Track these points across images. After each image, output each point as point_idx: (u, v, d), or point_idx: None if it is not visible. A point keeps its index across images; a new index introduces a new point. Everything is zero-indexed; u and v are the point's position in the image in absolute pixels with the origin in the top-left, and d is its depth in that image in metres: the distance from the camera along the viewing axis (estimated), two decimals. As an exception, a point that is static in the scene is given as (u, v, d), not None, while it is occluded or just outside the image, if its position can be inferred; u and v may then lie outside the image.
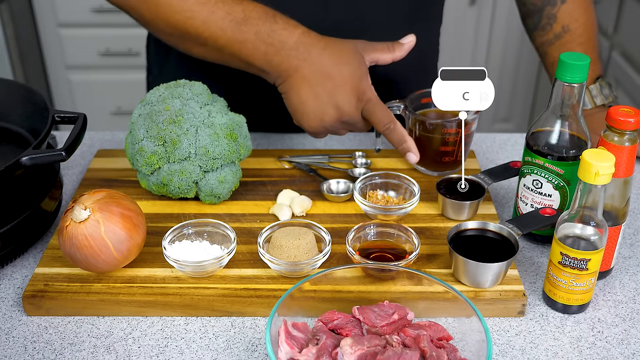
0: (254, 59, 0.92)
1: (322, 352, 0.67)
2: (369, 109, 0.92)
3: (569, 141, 0.84)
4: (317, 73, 0.91)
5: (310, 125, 0.94)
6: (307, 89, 0.91)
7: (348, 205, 0.96)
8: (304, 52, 0.90)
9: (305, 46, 0.91)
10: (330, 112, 0.92)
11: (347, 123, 0.94)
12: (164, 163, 0.90)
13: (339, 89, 0.91)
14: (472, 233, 0.85)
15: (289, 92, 0.93)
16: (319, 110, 0.92)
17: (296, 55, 0.90)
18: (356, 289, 0.78)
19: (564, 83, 0.81)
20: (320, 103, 0.91)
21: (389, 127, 0.92)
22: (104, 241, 0.78)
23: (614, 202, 0.79)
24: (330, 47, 0.92)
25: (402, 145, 0.94)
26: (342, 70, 0.91)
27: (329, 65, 0.91)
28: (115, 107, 2.62)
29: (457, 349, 0.70)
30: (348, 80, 0.91)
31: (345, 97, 0.91)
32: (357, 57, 0.93)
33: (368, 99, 0.92)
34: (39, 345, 0.77)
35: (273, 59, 0.91)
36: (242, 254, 0.86)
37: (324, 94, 0.91)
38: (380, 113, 0.92)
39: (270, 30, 0.90)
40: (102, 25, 2.46)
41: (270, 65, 0.92)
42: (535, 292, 0.84)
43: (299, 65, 0.91)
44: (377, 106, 0.92)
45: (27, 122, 0.97)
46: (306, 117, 0.93)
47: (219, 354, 0.76)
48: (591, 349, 0.76)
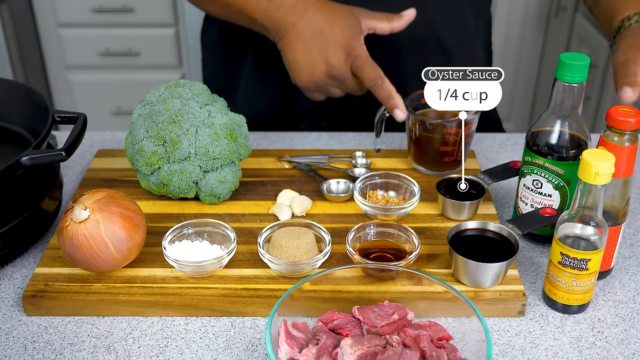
0: (256, 14, 0.98)
1: (322, 352, 0.67)
2: (358, 64, 0.95)
3: (569, 141, 0.84)
4: (311, 30, 0.95)
5: (302, 80, 0.98)
6: (301, 45, 0.96)
7: (348, 205, 0.96)
8: (301, 10, 0.96)
9: (303, 5, 0.96)
10: (320, 66, 0.96)
11: (336, 79, 0.97)
12: (164, 163, 0.90)
13: (329, 45, 0.95)
14: (472, 233, 0.85)
15: (285, 49, 0.98)
16: (310, 65, 0.96)
17: (294, 12, 0.96)
18: (356, 289, 0.78)
19: (564, 83, 0.81)
20: (312, 58, 0.96)
21: (376, 82, 0.94)
22: (104, 241, 0.78)
23: (614, 202, 0.79)
24: (326, 7, 0.97)
25: (390, 101, 0.95)
26: (334, 27, 0.95)
27: (322, 23, 0.95)
28: (115, 107, 2.63)
29: (457, 349, 0.70)
30: (339, 37, 0.95)
31: (336, 52, 0.95)
32: (352, 18, 0.96)
33: (357, 55, 0.95)
34: (39, 345, 0.77)
35: (273, 15, 0.96)
36: (242, 254, 0.86)
37: (316, 50, 0.95)
38: (368, 69, 0.94)
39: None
40: (102, 25, 2.46)
41: (270, 21, 0.97)
42: (535, 292, 0.84)
43: (296, 22, 0.96)
44: (366, 62, 0.95)
45: (27, 122, 0.97)
46: (299, 72, 0.98)
47: (219, 354, 0.76)
48: (591, 349, 0.76)
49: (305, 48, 0.96)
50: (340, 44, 0.95)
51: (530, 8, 2.54)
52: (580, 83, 0.81)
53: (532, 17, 2.56)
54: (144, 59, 2.53)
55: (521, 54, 2.61)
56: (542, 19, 2.56)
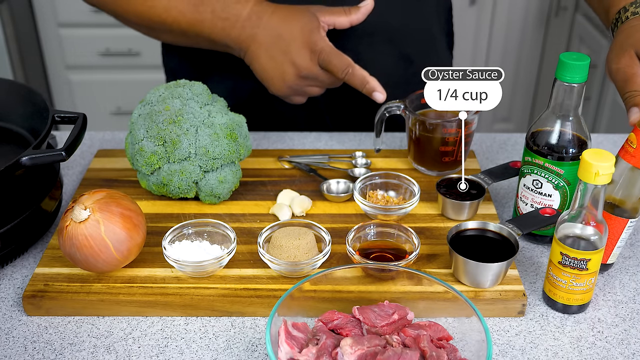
0: (214, 35, 0.97)
1: (322, 352, 0.67)
2: (324, 58, 0.94)
3: (569, 141, 0.84)
4: (269, 36, 0.95)
5: (277, 89, 0.97)
6: (264, 54, 0.96)
7: (348, 205, 0.96)
8: (256, 20, 0.95)
9: (257, 14, 0.95)
10: (288, 70, 0.95)
11: (308, 78, 0.96)
12: (164, 163, 0.90)
13: (290, 46, 0.94)
14: (472, 233, 0.85)
15: (252, 62, 0.97)
16: (278, 70, 0.95)
17: (250, 24, 0.95)
18: (356, 289, 0.78)
19: (564, 83, 0.81)
20: (277, 63, 0.95)
21: (347, 71, 0.93)
22: (104, 241, 0.78)
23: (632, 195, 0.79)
24: (280, 10, 0.96)
25: (366, 86, 0.94)
26: (292, 28, 0.94)
27: (279, 26, 0.94)
28: (115, 107, 2.63)
29: (457, 349, 0.70)
30: (298, 35, 0.94)
31: (299, 52, 0.94)
32: (307, 14, 0.95)
33: (321, 48, 0.94)
34: (39, 345, 0.77)
35: (231, 32, 0.96)
36: (242, 254, 0.86)
37: (279, 54, 0.95)
38: (336, 60, 0.93)
39: (224, 5, 0.95)
40: (102, 25, 2.46)
41: (230, 39, 0.96)
42: (535, 292, 0.84)
43: (254, 34, 0.95)
44: (332, 54, 0.94)
45: (27, 122, 0.97)
46: (270, 81, 0.97)
47: (219, 354, 0.76)
48: (591, 349, 0.76)
49: (268, 55, 0.96)
50: (301, 43, 0.94)
51: (530, 8, 2.54)
52: (580, 83, 0.81)
53: (532, 17, 2.56)
54: (144, 59, 2.53)
55: (521, 54, 2.62)
56: (542, 19, 2.56)
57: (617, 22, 0.92)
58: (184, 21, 0.97)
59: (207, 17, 0.96)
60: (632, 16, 0.90)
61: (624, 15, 0.91)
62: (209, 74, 1.13)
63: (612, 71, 0.84)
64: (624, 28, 0.89)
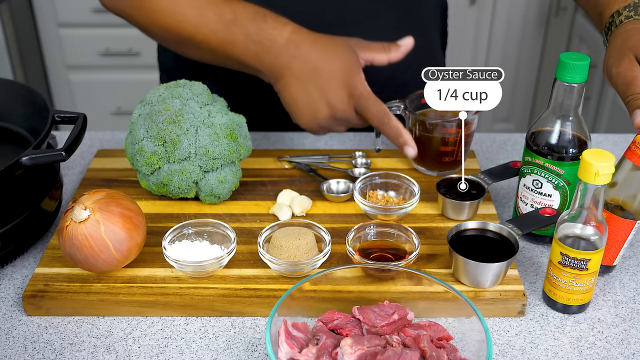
0: (246, 58, 0.92)
1: (322, 352, 0.67)
2: (362, 104, 0.90)
3: (569, 141, 0.84)
4: (306, 69, 0.90)
5: (305, 123, 0.93)
6: (298, 86, 0.90)
7: (348, 205, 0.96)
8: (294, 49, 0.90)
9: (294, 43, 0.90)
10: (322, 108, 0.90)
11: (340, 119, 0.92)
12: (164, 163, 0.90)
13: (329, 84, 0.89)
14: (472, 233, 0.85)
15: (282, 91, 0.92)
16: (311, 106, 0.91)
17: (286, 52, 0.90)
18: (356, 289, 0.78)
19: (564, 83, 0.81)
20: (312, 99, 0.90)
21: (383, 122, 0.90)
22: (104, 241, 0.78)
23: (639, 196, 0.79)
24: (320, 42, 0.91)
25: (399, 139, 0.91)
26: (332, 64, 0.89)
27: (318, 60, 0.89)
28: (115, 107, 2.63)
29: (457, 349, 0.70)
30: (338, 75, 0.89)
31: (336, 93, 0.89)
32: (348, 51, 0.91)
33: (360, 94, 0.90)
34: (39, 345, 0.77)
35: (264, 58, 0.91)
36: (242, 254, 0.86)
37: (314, 90, 0.90)
38: (373, 108, 0.90)
39: (259, 29, 0.90)
40: (102, 25, 2.46)
41: (262, 65, 0.91)
42: (535, 292, 0.84)
43: (290, 63, 0.90)
44: (370, 101, 0.90)
45: (27, 122, 0.97)
46: (300, 114, 0.92)
47: (219, 354, 0.76)
48: (591, 349, 0.76)
49: (303, 89, 0.90)
50: (340, 83, 0.89)
51: (530, 8, 2.54)
52: (580, 83, 0.81)
53: (532, 17, 2.56)
54: (144, 59, 2.53)
55: (521, 54, 2.62)
56: (542, 19, 2.56)
57: (611, 26, 0.91)
58: (215, 40, 0.92)
59: (239, 39, 0.91)
60: (626, 20, 0.89)
61: (618, 20, 0.90)
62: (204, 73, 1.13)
63: (613, 75, 0.84)
64: (618, 32, 0.88)
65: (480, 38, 2.58)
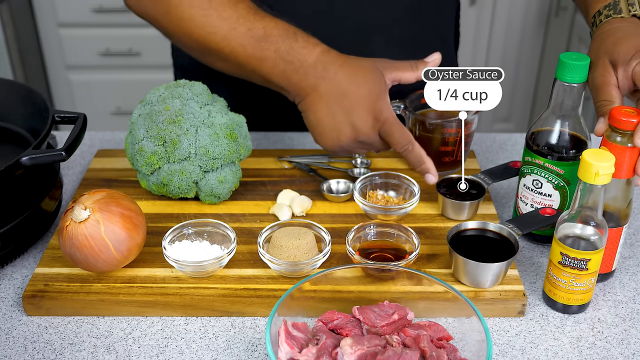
0: (274, 76, 0.91)
1: (322, 352, 0.67)
2: (386, 129, 0.90)
3: (569, 141, 0.84)
4: (334, 91, 0.89)
5: (327, 145, 0.92)
6: (323, 107, 0.90)
7: (348, 205, 0.96)
8: (322, 71, 0.89)
9: (323, 64, 0.90)
10: (346, 131, 0.90)
11: (364, 143, 0.92)
12: (164, 163, 0.90)
13: (355, 108, 0.89)
14: (472, 233, 0.85)
15: (307, 111, 0.92)
16: (335, 128, 0.90)
17: (314, 73, 0.89)
18: (356, 289, 0.78)
19: (564, 83, 0.81)
20: (336, 121, 0.90)
21: (407, 148, 0.90)
22: (104, 241, 0.78)
23: (616, 204, 0.79)
24: (348, 65, 0.90)
25: (421, 166, 0.92)
26: (359, 88, 0.89)
27: (346, 83, 0.89)
28: (115, 107, 2.62)
29: (457, 349, 0.70)
30: (364, 99, 0.89)
31: (362, 117, 0.89)
32: (376, 74, 0.91)
33: (385, 119, 0.90)
34: (39, 345, 0.77)
35: (292, 77, 0.90)
36: (242, 254, 0.86)
37: (340, 113, 0.90)
38: (398, 134, 0.90)
39: (290, 48, 0.90)
40: (102, 25, 2.46)
41: (289, 83, 0.91)
42: (535, 292, 0.84)
43: (317, 84, 0.90)
44: (395, 127, 0.90)
45: (27, 122, 0.97)
46: (323, 136, 0.92)
47: (219, 354, 0.76)
48: (591, 349, 0.76)
49: (329, 111, 0.90)
50: (366, 107, 0.89)
51: (530, 8, 2.53)
52: (580, 83, 0.81)
53: (532, 17, 2.56)
54: (144, 59, 2.53)
55: (521, 54, 2.61)
56: (542, 19, 2.55)
57: (593, 27, 0.91)
58: (244, 55, 0.91)
59: (269, 56, 0.90)
60: (606, 19, 0.89)
61: (598, 20, 0.90)
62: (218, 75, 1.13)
63: (588, 80, 0.84)
64: (598, 34, 0.88)
65: (480, 38, 2.58)
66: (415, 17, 1.10)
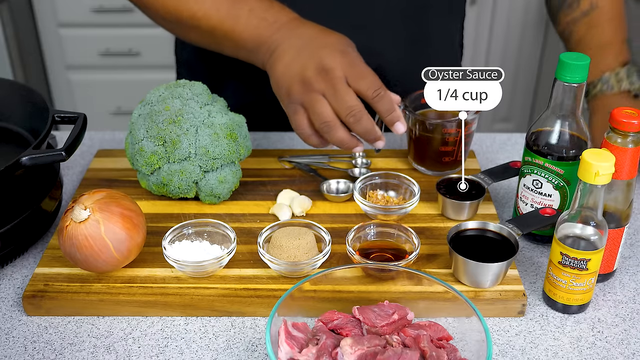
0: (246, 34, 0.92)
1: (322, 352, 0.67)
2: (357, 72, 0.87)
3: (569, 141, 0.84)
4: (303, 39, 0.90)
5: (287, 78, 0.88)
6: (293, 52, 0.89)
7: (348, 205, 0.96)
8: (294, 27, 0.91)
9: (297, 20, 0.92)
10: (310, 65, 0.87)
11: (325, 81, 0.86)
12: (164, 163, 0.90)
13: (323, 48, 0.88)
14: (472, 233, 0.85)
15: (275, 63, 0.90)
16: (300, 64, 0.87)
17: (287, 27, 0.91)
18: (356, 289, 0.78)
19: (564, 83, 0.81)
20: (302, 58, 0.88)
21: (379, 92, 0.87)
22: (104, 241, 0.78)
23: (617, 204, 0.79)
24: (320, 26, 0.92)
25: (392, 114, 0.89)
26: (328, 37, 0.90)
27: (316, 33, 0.90)
28: (115, 107, 2.63)
29: (457, 349, 0.70)
30: (334, 43, 0.89)
31: (330, 54, 0.87)
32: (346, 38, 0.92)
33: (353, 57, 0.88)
34: (39, 345, 0.77)
35: (264, 32, 0.92)
36: (242, 254, 0.86)
37: (307, 52, 0.88)
38: (371, 77, 0.87)
39: (266, 8, 0.93)
40: (102, 25, 2.46)
41: (260, 39, 0.92)
42: (535, 292, 0.84)
43: (288, 35, 0.91)
44: (366, 69, 0.88)
45: (27, 122, 0.97)
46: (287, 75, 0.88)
47: (219, 354, 0.76)
48: (591, 349, 0.76)
49: (297, 53, 0.88)
50: (334, 48, 0.88)
51: (530, 8, 2.53)
52: (580, 83, 0.81)
53: (532, 17, 2.56)
54: (144, 59, 2.53)
55: (521, 54, 2.61)
56: (542, 19, 2.55)
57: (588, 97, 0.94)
58: (216, 17, 0.92)
59: (243, 14, 0.92)
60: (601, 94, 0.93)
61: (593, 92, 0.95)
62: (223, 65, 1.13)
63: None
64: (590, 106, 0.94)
65: (480, 38, 2.58)
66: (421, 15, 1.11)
